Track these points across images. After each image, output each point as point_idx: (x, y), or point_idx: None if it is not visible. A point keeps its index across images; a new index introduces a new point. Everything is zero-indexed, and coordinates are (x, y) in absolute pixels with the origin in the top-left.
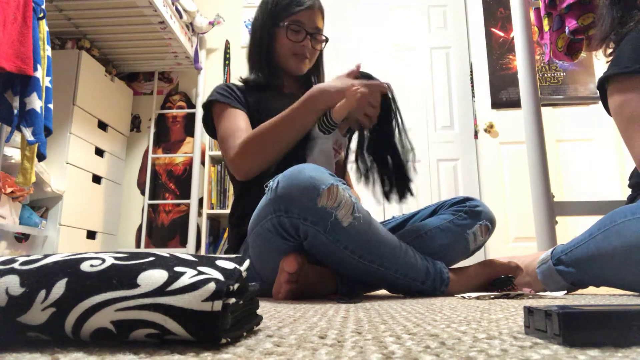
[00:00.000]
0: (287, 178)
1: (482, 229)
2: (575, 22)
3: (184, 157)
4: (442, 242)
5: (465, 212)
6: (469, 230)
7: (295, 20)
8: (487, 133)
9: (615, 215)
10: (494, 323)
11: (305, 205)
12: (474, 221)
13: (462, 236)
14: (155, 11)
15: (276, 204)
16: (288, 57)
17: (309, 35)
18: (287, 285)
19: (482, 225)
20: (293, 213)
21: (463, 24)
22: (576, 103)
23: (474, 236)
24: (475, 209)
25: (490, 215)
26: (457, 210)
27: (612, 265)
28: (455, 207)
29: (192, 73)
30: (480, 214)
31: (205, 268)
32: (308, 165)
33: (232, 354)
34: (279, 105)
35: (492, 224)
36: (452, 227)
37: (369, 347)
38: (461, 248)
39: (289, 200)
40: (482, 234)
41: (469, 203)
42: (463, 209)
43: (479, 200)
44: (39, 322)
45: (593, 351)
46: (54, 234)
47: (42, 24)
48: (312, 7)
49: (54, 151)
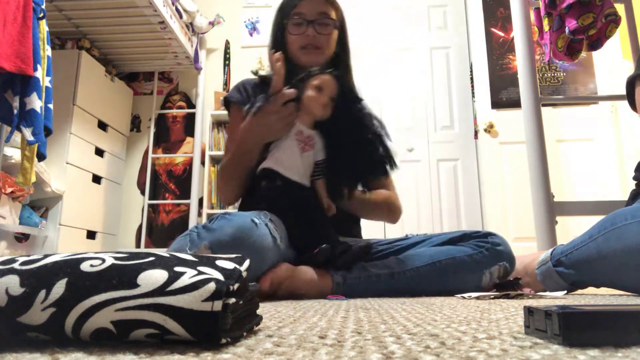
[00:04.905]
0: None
1: (500, 271)
2: (575, 22)
3: (184, 157)
4: (455, 276)
5: (487, 250)
6: (486, 270)
7: (296, 13)
8: (487, 133)
9: (616, 218)
10: (494, 323)
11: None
12: (494, 261)
13: (477, 274)
14: (155, 11)
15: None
16: (297, 52)
17: (311, 23)
18: (267, 291)
19: (501, 267)
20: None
21: (463, 24)
22: (576, 103)
23: (489, 276)
24: (497, 248)
25: (511, 256)
26: (478, 245)
27: (612, 268)
28: (476, 240)
29: (192, 73)
30: (501, 254)
31: (205, 268)
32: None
33: (232, 354)
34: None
35: (511, 265)
36: (469, 263)
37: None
38: (472, 284)
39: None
40: (500, 275)
41: (492, 239)
42: (484, 246)
43: (501, 238)
44: (39, 322)
45: (593, 351)
46: (54, 234)
47: (42, 24)
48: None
49: (54, 151)
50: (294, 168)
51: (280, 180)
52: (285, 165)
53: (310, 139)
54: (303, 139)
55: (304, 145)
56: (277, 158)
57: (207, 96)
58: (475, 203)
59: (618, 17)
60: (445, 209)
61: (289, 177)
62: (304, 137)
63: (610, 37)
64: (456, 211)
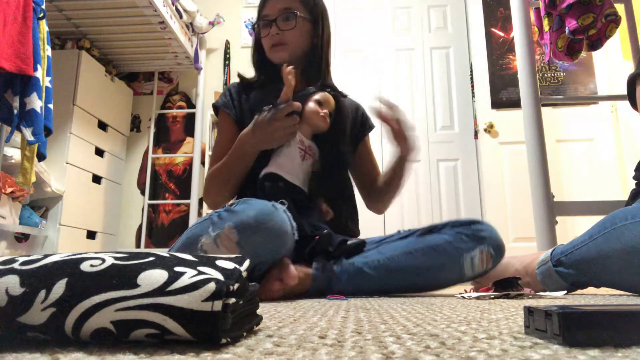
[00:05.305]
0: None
1: (484, 256)
2: (575, 22)
3: (184, 157)
4: (432, 263)
5: (467, 235)
6: (467, 254)
7: (263, 15)
8: (487, 133)
9: (616, 218)
10: (494, 323)
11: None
12: (474, 245)
13: (456, 260)
14: (155, 11)
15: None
16: (269, 53)
17: (274, 22)
18: (275, 293)
19: (483, 252)
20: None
21: (463, 24)
22: (576, 103)
23: (471, 261)
24: (479, 233)
25: (497, 242)
26: (459, 232)
27: (612, 268)
28: (458, 228)
29: (192, 73)
30: (483, 239)
31: (205, 268)
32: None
33: (232, 354)
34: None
35: (498, 251)
36: (447, 249)
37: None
38: (454, 273)
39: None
40: (483, 261)
41: (475, 226)
42: (465, 232)
43: (487, 224)
44: (39, 322)
45: (593, 351)
46: (54, 234)
47: (42, 24)
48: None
49: (54, 151)
50: (294, 173)
51: (282, 182)
52: (287, 171)
53: (309, 148)
54: (304, 148)
55: (305, 154)
56: (279, 163)
57: (207, 96)
58: (475, 203)
59: (618, 17)
60: (445, 209)
61: (291, 180)
62: (305, 146)
63: (610, 37)
64: (456, 211)
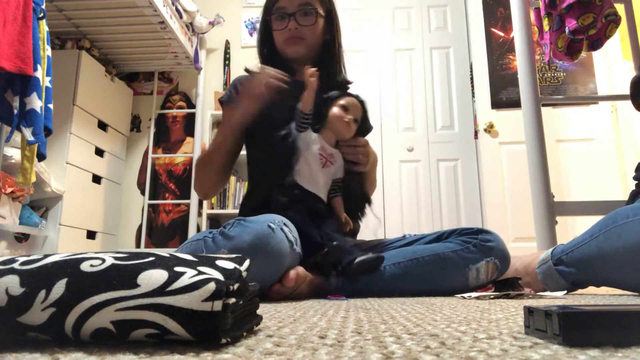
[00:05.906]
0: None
1: (489, 268)
2: (575, 22)
3: (184, 157)
4: (437, 272)
5: (474, 245)
6: (472, 266)
7: (277, 8)
8: (487, 133)
9: (617, 216)
10: (494, 323)
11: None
12: (481, 257)
13: (461, 271)
14: (155, 11)
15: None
16: (283, 46)
17: (292, 16)
18: (275, 294)
19: (489, 263)
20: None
21: (463, 24)
22: (576, 103)
23: (476, 273)
24: (487, 244)
25: (503, 253)
26: (466, 241)
27: (613, 266)
28: (465, 237)
29: (192, 73)
30: (490, 250)
31: (205, 268)
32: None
33: (232, 354)
34: (290, 96)
35: (503, 262)
36: (454, 258)
37: (369, 347)
38: (458, 282)
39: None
40: (488, 273)
41: (482, 236)
42: (472, 241)
43: (494, 235)
44: (39, 322)
45: (593, 351)
46: (54, 234)
47: (42, 24)
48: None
49: (54, 151)
50: (313, 181)
51: (298, 189)
52: (306, 178)
53: (331, 156)
54: (325, 155)
55: (326, 161)
56: (297, 170)
57: (207, 96)
58: (475, 203)
59: (618, 17)
60: (445, 209)
61: (308, 188)
62: (327, 153)
63: (610, 37)
64: (456, 211)
